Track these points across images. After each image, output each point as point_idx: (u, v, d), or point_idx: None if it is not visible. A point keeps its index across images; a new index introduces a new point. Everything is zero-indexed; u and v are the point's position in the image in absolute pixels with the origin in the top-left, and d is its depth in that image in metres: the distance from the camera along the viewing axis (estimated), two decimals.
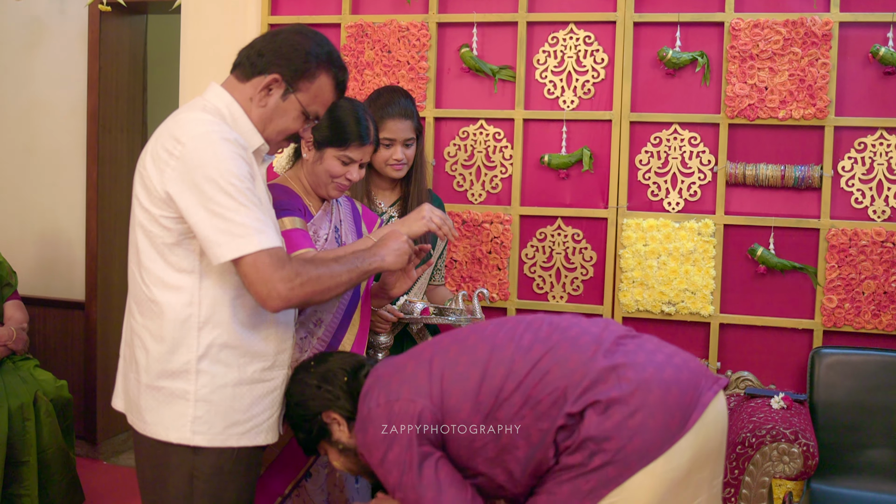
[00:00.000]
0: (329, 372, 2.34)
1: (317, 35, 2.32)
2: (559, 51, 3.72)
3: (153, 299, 2.19)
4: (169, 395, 2.19)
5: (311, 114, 2.31)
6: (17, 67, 5.17)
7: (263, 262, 2.07)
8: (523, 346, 2.13)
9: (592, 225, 3.71)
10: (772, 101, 3.49)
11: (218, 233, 2.06)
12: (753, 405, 3.12)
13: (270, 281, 2.08)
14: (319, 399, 2.31)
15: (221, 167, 2.07)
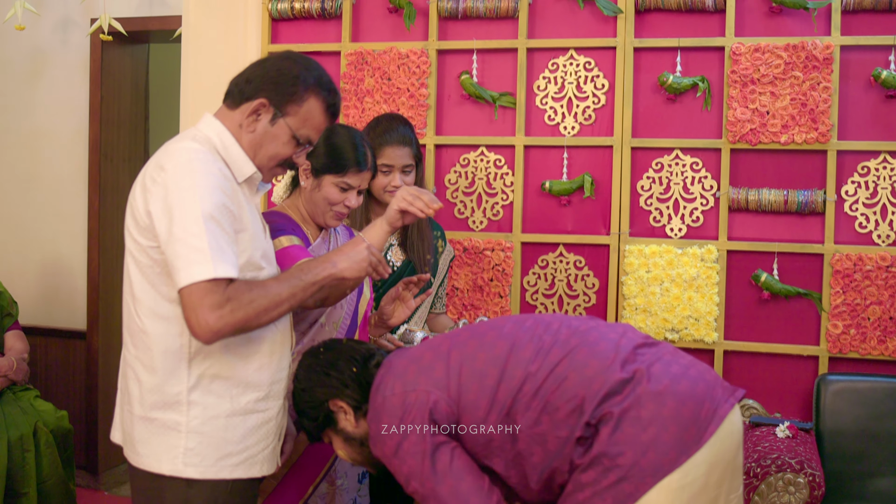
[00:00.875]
0: (338, 359, 2.31)
1: (306, 60, 2.31)
2: (559, 77, 3.70)
3: (144, 330, 2.17)
4: (161, 427, 2.17)
5: (301, 138, 2.28)
6: (19, 97, 5.18)
7: (199, 289, 2.01)
8: (543, 349, 2.10)
9: (594, 252, 3.68)
10: (773, 125, 3.46)
11: (178, 258, 2.04)
12: (758, 434, 3.07)
13: (198, 309, 2.01)
14: (327, 386, 2.29)
15: (196, 194, 2.06)
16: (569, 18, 3.71)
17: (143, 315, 2.17)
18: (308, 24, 3.97)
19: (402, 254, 3.30)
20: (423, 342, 2.29)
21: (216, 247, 2.04)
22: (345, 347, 2.36)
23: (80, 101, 5.04)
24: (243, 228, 2.17)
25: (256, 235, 2.24)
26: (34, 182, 5.17)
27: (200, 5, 3.99)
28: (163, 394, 2.16)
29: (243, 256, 2.17)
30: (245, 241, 2.18)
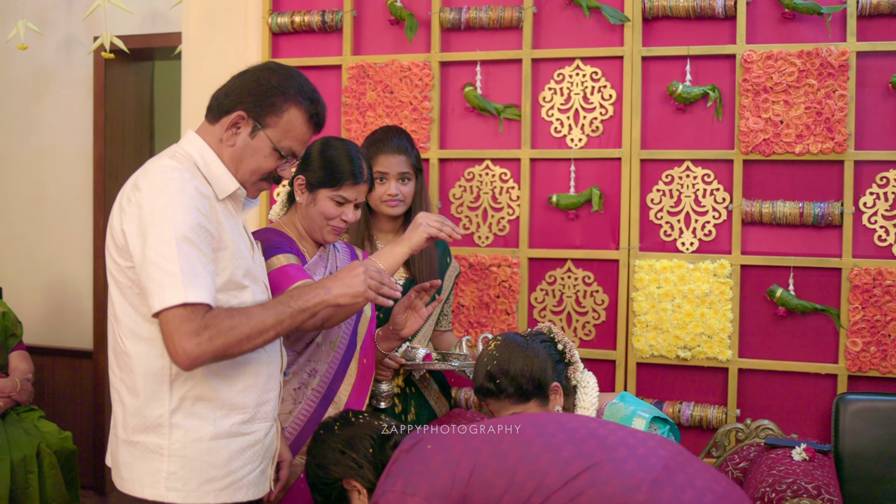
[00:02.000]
0: (355, 437, 2.25)
1: (286, 69, 2.24)
2: (565, 88, 3.59)
3: (126, 351, 2.11)
4: (144, 451, 2.10)
5: (283, 151, 2.21)
6: (24, 116, 5.13)
7: (175, 315, 1.95)
8: (561, 459, 1.93)
9: (603, 267, 3.56)
10: (788, 135, 3.33)
11: (151, 282, 1.97)
12: (774, 456, 2.93)
13: (175, 335, 1.95)
14: (342, 465, 2.24)
15: (169, 215, 1.99)
16: (574, 28, 3.59)
17: (125, 336, 2.11)
18: (309, 37, 3.88)
19: (405, 271, 3.21)
20: (437, 434, 2.15)
21: (189, 271, 1.96)
22: (362, 424, 2.29)
23: (84, 119, 4.99)
24: (222, 247, 2.10)
25: (238, 253, 2.16)
26: (39, 201, 5.12)
27: (200, 21, 3.92)
28: (144, 417, 2.09)
29: (223, 275, 2.10)
30: (225, 259, 2.11)
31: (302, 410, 2.65)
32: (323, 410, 2.65)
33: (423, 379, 3.25)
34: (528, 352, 2.52)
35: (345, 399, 2.69)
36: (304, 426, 2.63)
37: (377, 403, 3.10)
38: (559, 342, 2.61)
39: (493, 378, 2.49)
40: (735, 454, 3.18)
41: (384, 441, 2.24)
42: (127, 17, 4.79)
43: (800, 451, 2.89)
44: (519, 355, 2.51)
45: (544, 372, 2.50)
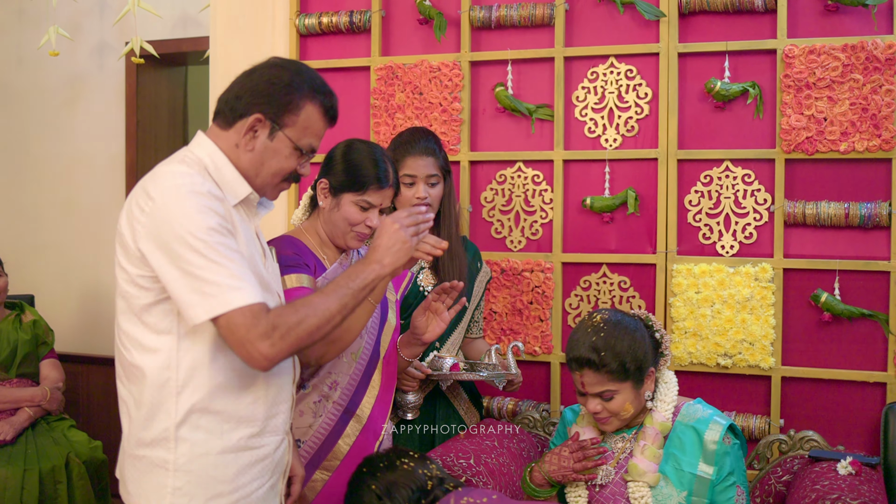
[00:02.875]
0: (395, 486, 2.20)
1: (295, 64, 2.17)
2: (599, 86, 3.48)
3: (132, 363, 2.04)
4: (149, 465, 2.04)
5: (304, 148, 2.15)
6: (58, 123, 5.14)
7: (237, 322, 1.91)
8: None
9: (640, 272, 3.44)
10: (832, 132, 3.19)
11: (190, 293, 1.91)
12: (818, 470, 2.80)
13: (248, 342, 1.91)
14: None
15: (189, 223, 1.92)
16: (608, 24, 3.49)
17: (131, 348, 2.04)
18: (336, 38, 3.82)
19: (433, 277, 3.13)
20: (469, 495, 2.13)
21: (229, 274, 1.92)
22: (406, 472, 2.23)
23: (117, 125, 4.98)
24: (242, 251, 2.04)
25: (251, 261, 2.09)
26: (73, 208, 5.12)
27: (228, 24, 3.87)
28: (150, 430, 2.02)
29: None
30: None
31: (322, 424, 2.57)
32: (344, 424, 2.57)
33: (453, 388, 3.16)
34: (636, 333, 2.55)
35: (367, 412, 2.61)
36: (325, 440, 2.55)
37: (403, 415, 3.02)
38: (657, 331, 2.64)
39: (597, 350, 2.50)
40: (778, 466, 3.05)
41: (424, 495, 2.19)
42: (158, 22, 4.78)
43: (845, 465, 2.75)
44: (626, 334, 2.53)
45: (646, 356, 2.55)
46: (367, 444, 2.60)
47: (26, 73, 5.23)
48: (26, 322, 4.25)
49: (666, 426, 2.59)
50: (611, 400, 2.55)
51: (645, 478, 2.54)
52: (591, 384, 2.54)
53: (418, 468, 2.23)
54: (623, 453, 2.64)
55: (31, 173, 5.25)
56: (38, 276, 5.17)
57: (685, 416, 2.61)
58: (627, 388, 2.53)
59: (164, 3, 4.81)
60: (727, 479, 2.52)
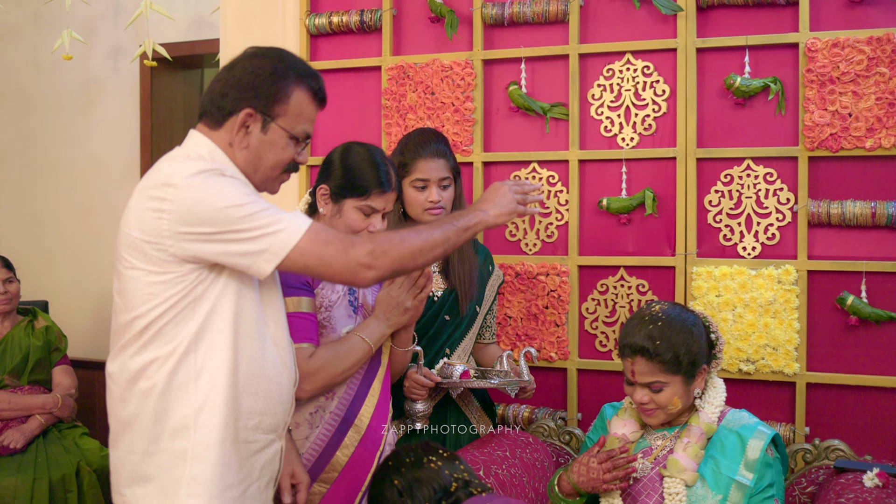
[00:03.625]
0: (417, 483, 2.15)
1: (275, 51, 2.12)
2: (615, 84, 3.39)
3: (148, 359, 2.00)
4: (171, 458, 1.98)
5: (299, 135, 2.11)
6: (73, 128, 5.14)
7: (318, 234, 1.96)
8: None
9: (659, 274, 3.35)
10: (857, 128, 3.09)
11: (250, 245, 1.94)
12: (843, 482, 2.69)
13: (342, 255, 1.98)
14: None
15: (223, 195, 1.93)
16: (624, 20, 3.40)
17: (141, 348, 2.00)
18: (347, 38, 3.76)
19: (443, 282, 3.06)
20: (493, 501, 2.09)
21: (277, 213, 1.97)
22: (433, 471, 2.18)
23: (132, 129, 4.97)
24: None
25: None
26: (89, 213, 5.11)
27: (238, 25, 3.84)
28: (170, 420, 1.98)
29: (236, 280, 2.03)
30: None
31: (319, 435, 2.50)
32: (342, 434, 2.50)
33: (464, 395, 3.09)
34: (694, 329, 2.53)
35: (367, 421, 2.54)
36: (323, 451, 2.48)
37: (412, 424, 2.94)
38: (713, 332, 2.62)
39: (652, 339, 2.48)
40: (802, 477, 2.95)
41: (445, 498, 2.13)
42: (172, 25, 4.75)
43: (872, 477, 2.64)
44: (684, 327, 2.51)
45: (700, 352, 2.53)
46: (367, 454, 2.52)
47: (42, 78, 5.24)
48: (39, 328, 4.23)
49: (711, 428, 2.55)
50: (659, 392, 2.51)
51: (683, 475, 2.49)
52: (641, 373, 2.51)
53: (445, 468, 2.18)
54: (663, 450, 2.57)
55: (47, 178, 5.25)
56: (52, 282, 5.16)
57: (730, 421, 2.58)
58: (678, 381, 2.50)
59: (178, 5, 4.79)
60: (766, 491, 2.46)
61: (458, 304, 3.03)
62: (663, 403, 2.53)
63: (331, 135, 3.70)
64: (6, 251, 4.63)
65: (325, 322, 2.54)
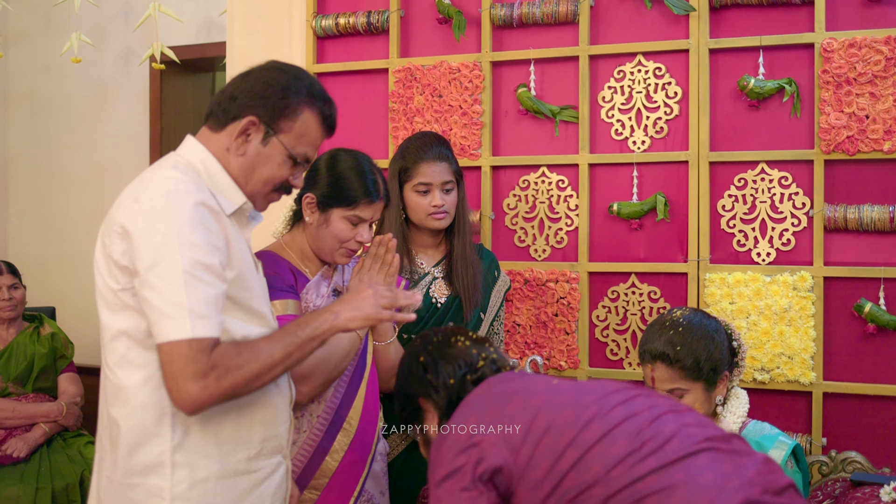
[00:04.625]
0: (443, 359, 2.11)
1: (294, 68, 2.08)
2: (626, 86, 3.36)
3: (120, 384, 1.94)
4: (144, 494, 1.92)
5: (298, 157, 2.06)
6: (83, 131, 5.15)
7: (179, 353, 1.80)
8: (636, 452, 1.76)
9: (671, 281, 3.31)
10: (874, 131, 3.03)
11: (153, 310, 1.83)
12: (860, 496, 2.63)
13: (180, 378, 1.80)
14: (421, 384, 2.12)
15: (175, 234, 1.83)
16: (635, 20, 3.36)
17: (116, 365, 1.95)
18: (354, 40, 3.74)
19: (447, 288, 3.03)
20: (524, 376, 2.04)
21: (197, 299, 1.82)
22: (460, 350, 2.13)
23: (141, 133, 4.98)
24: (231, 266, 1.95)
25: (248, 274, 2.02)
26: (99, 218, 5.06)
27: (244, 27, 3.83)
28: (144, 455, 1.92)
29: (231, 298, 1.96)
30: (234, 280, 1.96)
31: (308, 440, 2.47)
32: (331, 438, 2.48)
33: None
34: (716, 335, 2.50)
35: (356, 424, 2.52)
36: (312, 457, 2.46)
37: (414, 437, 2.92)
38: (735, 340, 2.58)
39: (673, 345, 2.45)
40: (818, 490, 2.88)
41: (471, 373, 2.08)
42: (182, 28, 4.76)
43: (889, 491, 2.58)
44: (705, 334, 2.48)
45: (722, 359, 2.50)
46: (358, 459, 2.50)
47: (53, 81, 5.26)
48: (44, 335, 4.23)
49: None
50: (680, 399, 2.47)
51: None
52: (661, 380, 2.48)
53: (473, 347, 2.14)
54: None
55: (57, 182, 5.27)
56: (60, 288, 5.18)
57: (751, 430, 2.55)
58: (699, 388, 2.47)
59: (187, 8, 4.79)
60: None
61: (463, 310, 3.00)
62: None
63: (337, 138, 3.61)
64: (14, 256, 4.64)
65: None
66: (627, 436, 1.78)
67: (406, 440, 2.96)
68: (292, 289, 2.47)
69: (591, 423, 1.82)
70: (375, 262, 2.52)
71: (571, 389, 1.93)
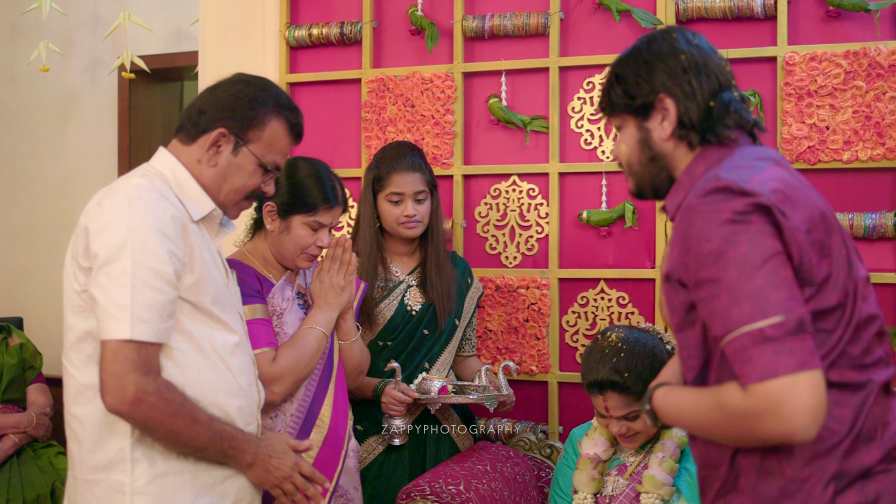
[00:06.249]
0: (707, 63, 1.84)
1: (260, 80, 2.21)
2: (596, 97, 3.50)
3: (83, 382, 2.03)
4: (107, 490, 2.02)
5: (269, 165, 2.18)
6: (50, 141, 5.20)
7: (126, 354, 1.89)
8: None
9: (639, 287, 3.45)
10: (834, 141, 3.20)
11: (99, 308, 1.93)
12: None
13: (118, 375, 1.89)
14: (673, 77, 1.84)
15: (129, 238, 1.93)
16: (604, 33, 3.51)
17: (82, 364, 2.03)
18: (327, 50, 3.85)
19: (421, 296, 3.15)
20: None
21: (141, 303, 1.91)
22: (715, 62, 1.87)
23: (110, 142, 5.05)
24: (191, 272, 2.05)
25: (209, 279, 2.10)
26: (66, 229, 5.15)
27: (217, 37, 3.92)
28: (105, 452, 2.01)
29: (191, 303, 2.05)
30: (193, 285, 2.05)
31: None
32: (305, 436, 2.60)
33: (444, 410, 3.17)
34: (655, 350, 2.60)
35: (328, 421, 2.65)
36: None
37: (391, 440, 3.03)
38: (668, 343, 2.71)
39: (619, 372, 2.53)
40: None
41: (725, 87, 1.85)
42: (152, 37, 4.84)
43: None
44: (645, 351, 2.58)
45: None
46: (332, 454, 2.62)
47: (19, 90, 5.31)
48: (13, 346, 4.28)
49: (684, 440, 2.63)
50: (636, 419, 2.58)
51: (660, 490, 2.57)
52: (615, 407, 2.57)
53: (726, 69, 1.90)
54: (637, 466, 2.66)
55: (24, 192, 5.31)
56: (28, 298, 5.22)
57: None
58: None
59: (157, 17, 4.88)
60: None
61: (437, 318, 3.12)
62: (642, 429, 2.60)
63: (310, 148, 3.77)
64: None
65: (277, 329, 2.64)
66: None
67: (381, 444, 3.07)
68: (259, 294, 2.60)
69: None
70: (334, 262, 2.68)
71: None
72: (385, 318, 3.10)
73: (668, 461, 2.59)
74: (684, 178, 1.86)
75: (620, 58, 1.95)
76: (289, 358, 2.53)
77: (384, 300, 3.11)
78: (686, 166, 1.86)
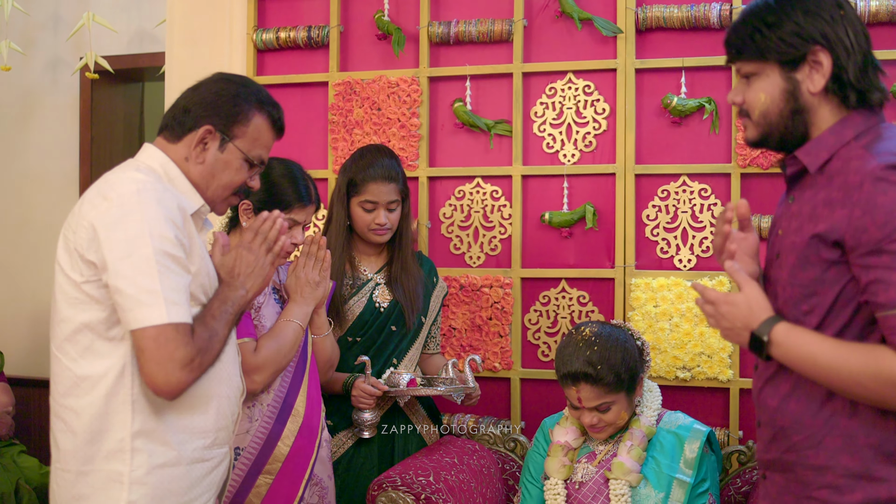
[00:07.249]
0: (861, 22, 1.84)
1: (241, 78, 2.33)
2: (558, 102, 3.64)
3: (81, 374, 2.08)
4: (104, 480, 2.06)
5: (254, 159, 2.27)
6: (9, 140, 5.22)
7: (168, 336, 1.97)
8: None
9: (599, 286, 3.60)
10: None
11: (126, 298, 1.99)
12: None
13: (171, 361, 1.98)
14: (834, 30, 1.82)
15: (146, 228, 2.01)
16: (566, 40, 3.66)
17: (79, 357, 2.08)
18: (294, 54, 3.95)
19: (388, 293, 3.25)
20: None
21: (170, 287, 2.00)
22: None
23: (70, 142, 5.07)
24: (192, 262, 2.13)
25: (205, 271, 2.19)
26: (25, 228, 5.19)
27: (184, 39, 3.99)
28: (103, 442, 2.07)
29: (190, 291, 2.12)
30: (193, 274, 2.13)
31: (260, 428, 2.69)
32: (282, 425, 2.71)
33: (411, 404, 3.28)
34: (626, 343, 2.76)
35: (303, 410, 2.76)
36: (264, 444, 2.68)
37: (360, 433, 3.14)
38: (638, 338, 2.85)
39: (593, 364, 2.67)
40: (737, 477, 3.20)
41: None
42: (114, 38, 4.88)
43: None
44: (617, 345, 2.73)
45: (636, 364, 2.76)
46: (306, 443, 2.73)
47: None
48: None
49: (651, 430, 2.81)
50: (607, 411, 2.73)
51: (629, 477, 2.73)
52: (588, 398, 2.71)
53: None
54: (606, 454, 2.81)
55: None
56: None
57: (667, 422, 2.84)
58: (622, 397, 2.72)
59: (120, 18, 4.92)
60: (701, 486, 2.75)
61: (405, 315, 3.24)
62: (612, 421, 2.76)
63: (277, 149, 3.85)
64: None
65: (256, 322, 2.76)
66: None
67: (351, 439, 3.18)
68: None
69: None
70: (309, 259, 2.80)
71: None
72: (354, 314, 3.21)
73: (637, 449, 2.75)
74: (828, 138, 1.86)
75: (769, 3, 1.87)
76: (270, 349, 2.65)
77: (353, 297, 3.22)
78: (829, 126, 1.86)
